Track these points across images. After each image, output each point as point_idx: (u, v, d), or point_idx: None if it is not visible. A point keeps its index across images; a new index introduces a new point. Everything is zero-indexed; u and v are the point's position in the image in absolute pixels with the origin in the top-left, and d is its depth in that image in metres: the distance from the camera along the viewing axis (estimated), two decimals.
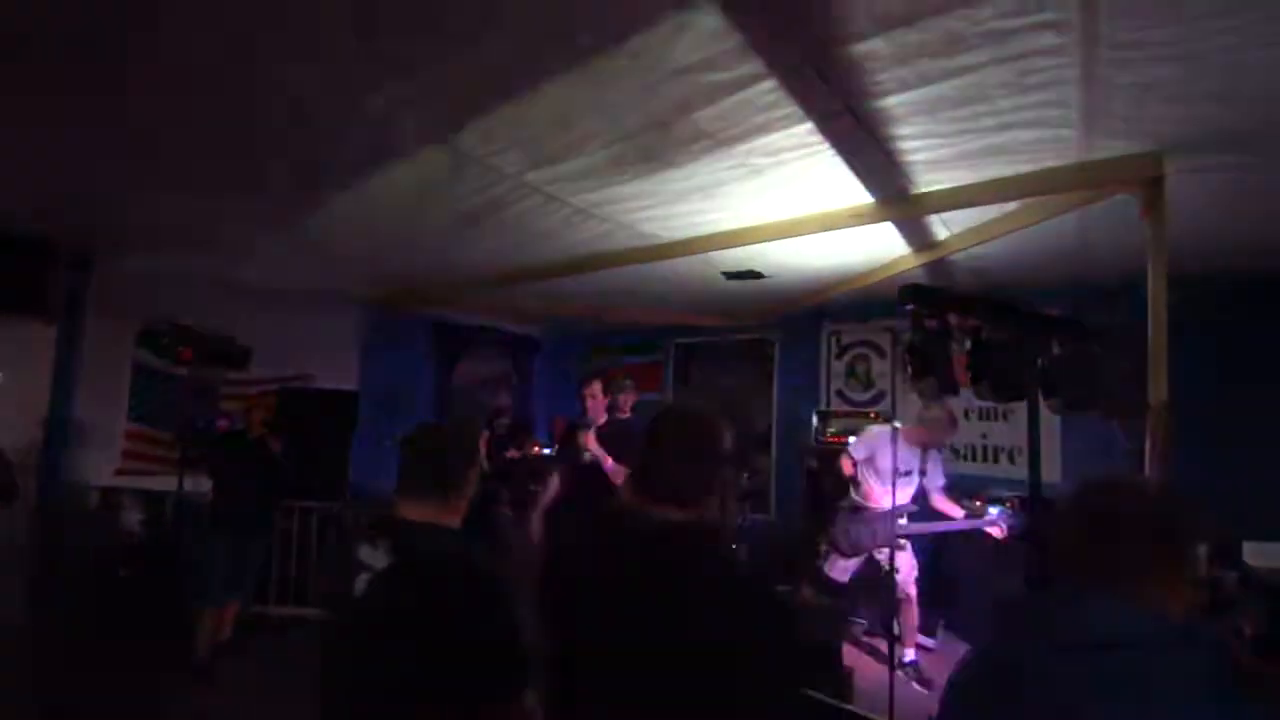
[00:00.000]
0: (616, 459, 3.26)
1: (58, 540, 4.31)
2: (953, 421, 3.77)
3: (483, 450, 1.69)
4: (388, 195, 3.08)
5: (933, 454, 3.92)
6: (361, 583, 1.29)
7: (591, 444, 3.32)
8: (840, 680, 3.12)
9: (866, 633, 4.51)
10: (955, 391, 2.15)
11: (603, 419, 3.48)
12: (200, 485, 4.03)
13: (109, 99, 2.26)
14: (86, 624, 4.02)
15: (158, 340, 4.67)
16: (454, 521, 1.45)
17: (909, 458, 3.74)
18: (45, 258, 4.26)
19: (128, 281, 4.72)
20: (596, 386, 3.46)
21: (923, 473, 3.87)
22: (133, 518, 4.61)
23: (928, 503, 3.98)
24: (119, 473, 4.75)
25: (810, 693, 2.34)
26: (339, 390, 5.72)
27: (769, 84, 2.02)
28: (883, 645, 3.92)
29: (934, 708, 1.04)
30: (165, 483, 4.71)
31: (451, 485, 1.44)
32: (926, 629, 4.37)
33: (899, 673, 3.46)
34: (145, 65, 2.02)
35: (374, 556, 1.32)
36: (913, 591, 3.90)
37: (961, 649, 4.29)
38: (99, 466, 4.67)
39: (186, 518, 4.47)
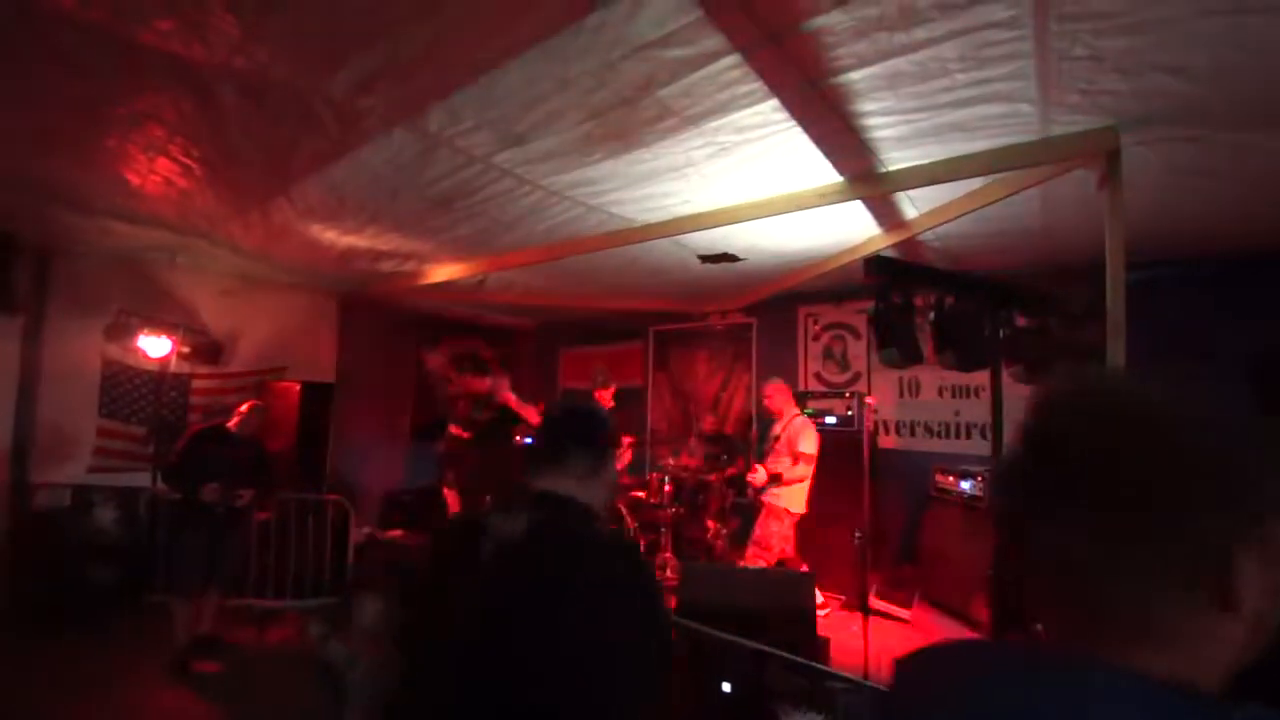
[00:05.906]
0: None
1: (28, 541, 4.23)
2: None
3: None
4: (357, 179, 3.06)
5: None
6: None
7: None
8: (817, 648, 3.18)
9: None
10: (920, 359, 2.21)
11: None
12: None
13: (56, 81, 2.22)
14: (59, 625, 3.98)
15: (126, 333, 4.62)
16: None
17: None
18: (7, 248, 4.17)
19: (94, 273, 4.63)
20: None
21: None
22: (106, 515, 4.54)
23: None
24: (91, 470, 4.66)
25: (791, 656, 2.40)
26: (315, 382, 5.68)
27: (731, 59, 2.04)
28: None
29: None
30: (138, 479, 4.68)
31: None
32: (903, 600, 4.47)
33: None
34: (109, 50, 1.99)
35: None
36: None
37: (935, 619, 4.42)
38: (71, 464, 4.58)
39: (160, 513, 4.43)
